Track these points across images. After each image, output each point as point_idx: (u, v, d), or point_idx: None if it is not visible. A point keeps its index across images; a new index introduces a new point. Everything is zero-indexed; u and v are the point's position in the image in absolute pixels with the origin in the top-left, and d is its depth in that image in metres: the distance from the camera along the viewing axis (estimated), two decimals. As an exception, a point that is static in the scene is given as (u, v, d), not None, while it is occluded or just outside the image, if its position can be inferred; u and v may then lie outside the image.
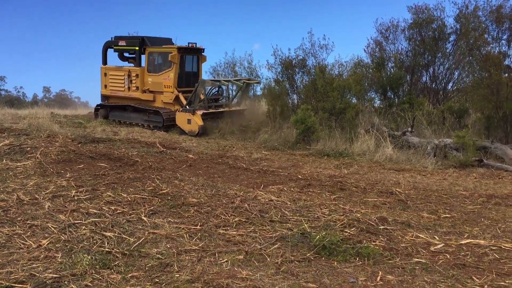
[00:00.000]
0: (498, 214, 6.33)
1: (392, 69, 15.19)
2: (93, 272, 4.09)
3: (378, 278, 4.21)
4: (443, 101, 14.94)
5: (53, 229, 5.11)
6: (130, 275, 4.10)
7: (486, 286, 4.07)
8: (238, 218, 5.77)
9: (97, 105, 16.95)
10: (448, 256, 4.76)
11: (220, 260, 4.53)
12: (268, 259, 4.60)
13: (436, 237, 5.33)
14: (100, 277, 4.01)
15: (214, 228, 5.42)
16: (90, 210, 5.78)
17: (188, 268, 4.29)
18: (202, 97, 14.26)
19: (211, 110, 14.13)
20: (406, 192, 7.42)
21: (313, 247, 4.85)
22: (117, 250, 4.60)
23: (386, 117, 13.54)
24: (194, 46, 14.74)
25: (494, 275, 4.32)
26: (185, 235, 5.14)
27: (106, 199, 6.29)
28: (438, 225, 5.80)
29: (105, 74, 16.26)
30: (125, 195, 6.49)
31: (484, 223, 5.90)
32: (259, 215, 5.91)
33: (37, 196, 6.22)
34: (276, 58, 15.46)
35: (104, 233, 5.06)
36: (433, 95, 15.64)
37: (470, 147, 9.89)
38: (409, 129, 11.77)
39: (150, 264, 4.35)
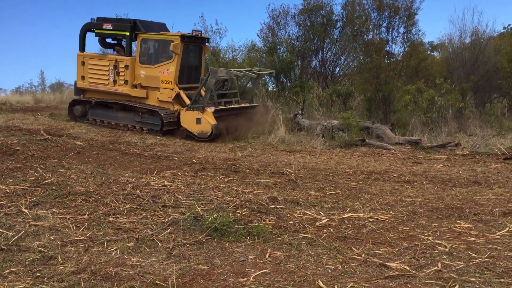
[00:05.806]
0: (377, 188, 6.89)
1: (284, 54, 15.70)
2: (-36, 271, 3.75)
3: (267, 255, 4.37)
4: (331, 84, 15.79)
5: None
6: (8, 271, 3.82)
7: (363, 255, 4.42)
8: (129, 205, 5.62)
9: (73, 100, 13.83)
10: (332, 230, 5.09)
11: (109, 249, 4.39)
12: (160, 245, 4.55)
13: (322, 213, 5.67)
14: (-28, 277, 3.69)
15: (103, 216, 5.23)
16: (-39, 204, 5.26)
17: (74, 259, 4.11)
18: (202, 93, 11.81)
19: (221, 107, 11.74)
20: (296, 172, 7.76)
21: (206, 229, 4.89)
22: (-7, 246, 4.26)
23: (279, 100, 14.00)
24: (199, 34, 12.43)
25: (371, 245, 4.70)
26: (71, 226, 4.90)
27: (-20, 192, 5.77)
28: (324, 201, 6.16)
29: (83, 63, 13.33)
30: (3, 187, 5.99)
31: (364, 198, 6.38)
32: (151, 201, 5.82)
33: None
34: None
35: (-23, 229, 4.64)
36: (322, 79, 16.47)
37: (354, 127, 10.62)
38: (300, 111, 12.29)
39: (31, 258, 4.08)
